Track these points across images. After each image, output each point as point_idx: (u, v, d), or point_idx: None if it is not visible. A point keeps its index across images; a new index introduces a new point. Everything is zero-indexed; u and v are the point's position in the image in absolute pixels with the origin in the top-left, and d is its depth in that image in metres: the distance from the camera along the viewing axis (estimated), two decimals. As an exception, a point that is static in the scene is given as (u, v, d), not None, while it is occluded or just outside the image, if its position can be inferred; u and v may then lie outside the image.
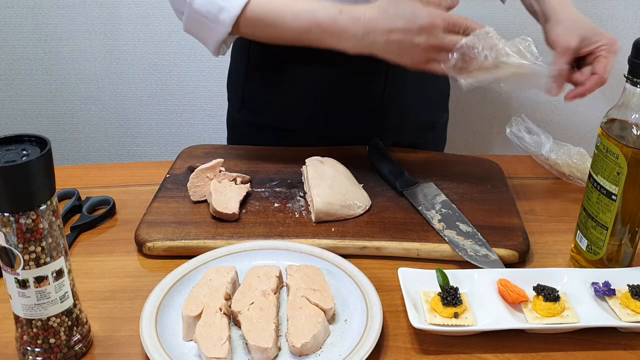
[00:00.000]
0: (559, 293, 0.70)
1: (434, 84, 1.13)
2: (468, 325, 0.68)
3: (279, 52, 1.01)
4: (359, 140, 1.06)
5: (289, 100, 1.07)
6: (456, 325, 0.68)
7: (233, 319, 0.70)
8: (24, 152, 0.58)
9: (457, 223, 0.85)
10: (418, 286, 0.73)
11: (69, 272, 0.64)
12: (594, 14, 1.69)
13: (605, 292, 0.72)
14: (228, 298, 0.71)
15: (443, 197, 0.91)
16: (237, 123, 1.17)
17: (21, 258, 0.59)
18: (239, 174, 0.94)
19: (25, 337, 0.64)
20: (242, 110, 1.14)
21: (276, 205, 0.90)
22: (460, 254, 0.79)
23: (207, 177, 0.92)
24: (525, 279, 0.73)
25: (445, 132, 1.25)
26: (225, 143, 1.19)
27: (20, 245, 0.59)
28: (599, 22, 1.69)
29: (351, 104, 1.06)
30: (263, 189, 0.94)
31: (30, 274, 0.60)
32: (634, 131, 0.71)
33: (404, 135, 1.10)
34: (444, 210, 0.87)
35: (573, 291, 0.72)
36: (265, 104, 1.10)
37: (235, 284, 0.74)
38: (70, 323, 0.65)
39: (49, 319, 0.63)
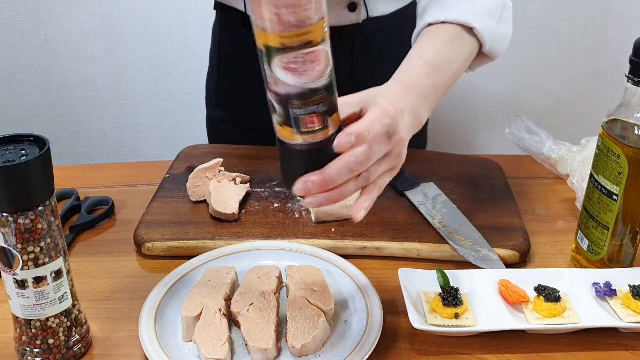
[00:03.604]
0: (560, 294, 0.70)
1: None
2: (469, 326, 0.67)
3: (247, 50, 1.01)
4: None
5: (259, 98, 1.08)
6: (457, 326, 0.67)
7: (233, 320, 0.69)
8: (23, 152, 0.58)
9: (458, 223, 0.85)
10: (418, 287, 0.73)
11: (68, 272, 0.63)
12: (595, 13, 1.69)
13: (606, 292, 0.72)
14: (228, 299, 0.71)
15: (444, 197, 0.90)
16: (213, 121, 1.19)
17: (20, 258, 0.59)
18: (239, 174, 0.94)
19: (24, 338, 0.63)
20: (216, 108, 1.16)
21: (276, 205, 0.90)
22: (460, 254, 0.79)
23: (207, 177, 0.91)
24: (526, 279, 0.73)
25: (424, 134, 1.23)
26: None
27: (19, 246, 0.58)
28: (599, 22, 1.70)
29: None
30: (263, 189, 0.94)
31: (29, 275, 0.60)
32: (636, 131, 0.71)
33: None
34: (444, 211, 0.87)
35: (574, 292, 0.72)
36: (237, 102, 1.11)
37: (235, 285, 0.74)
38: (69, 324, 0.64)
39: (47, 319, 0.62)
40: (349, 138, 0.58)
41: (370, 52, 1.04)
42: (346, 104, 0.63)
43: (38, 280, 0.60)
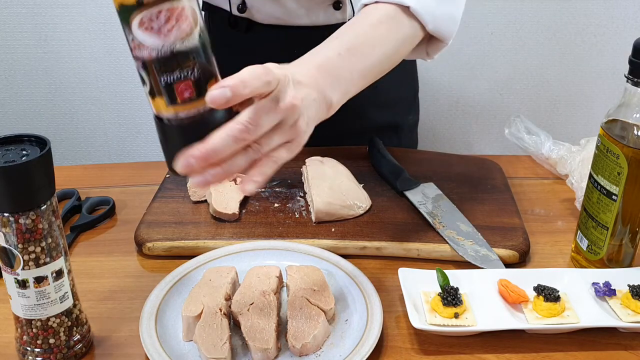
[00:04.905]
0: (559, 293, 0.70)
1: (394, 86, 1.08)
2: (468, 326, 0.68)
3: (234, 51, 1.00)
4: (318, 142, 1.02)
5: None
6: (456, 326, 0.68)
7: (233, 319, 0.70)
8: (24, 152, 0.58)
9: (458, 223, 0.85)
10: (418, 286, 0.73)
11: (69, 272, 0.64)
12: (595, 13, 1.70)
13: (605, 292, 0.72)
14: (228, 298, 0.71)
15: (443, 197, 0.91)
16: None
17: (21, 258, 0.59)
18: (239, 174, 0.94)
19: (25, 338, 0.64)
20: None
21: (276, 205, 0.90)
22: (460, 254, 0.79)
23: (207, 177, 0.91)
24: (525, 279, 0.73)
25: (415, 135, 1.23)
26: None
27: (20, 246, 0.59)
28: (599, 22, 1.70)
29: None
30: (263, 189, 0.94)
31: (29, 274, 0.60)
32: (635, 131, 0.71)
33: (363, 138, 1.05)
34: (444, 210, 0.87)
35: (573, 291, 0.72)
36: None
37: (235, 284, 0.74)
38: (70, 323, 0.64)
39: (48, 319, 0.62)
40: (223, 91, 0.52)
41: None
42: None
43: (39, 280, 0.60)
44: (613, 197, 0.73)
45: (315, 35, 1.01)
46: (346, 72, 0.67)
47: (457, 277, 0.74)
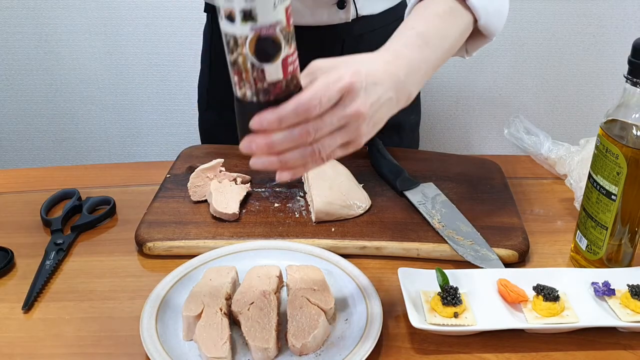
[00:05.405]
0: (558, 293, 0.70)
1: None
2: (468, 325, 0.68)
3: None
4: None
5: None
6: (456, 325, 0.68)
7: (233, 319, 0.70)
8: None
9: (457, 223, 0.85)
10: (418, 286, 0.73)
11: None
12: (595, 13, 1.70)
13: (604, 292, 0.72)
14: (228, 298, 0.71)
15: (443, 197, 0.91)
16: (205, 124, 1.19)
17: None
18: (239, 174, 0.94)
19: None
20: (208, 110, 1.17)
21: (276, 205, 0.90)
22: (460, 253, 0.79)
23: (207, 177, 0.92)
24: (525, 278, 0.74)
25: (416, 134, 1.23)
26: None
27: None
28: (598, 22, 1.70)
29: None
30: (263, 189, 0.94)
31: None
32: (634, 131, 0.71)
33: None
34: (444, 210, 0.87)
35: (573, 291, 0.73)
36: (229, 104, 1.11)
37: (235, 284, 0.74)
38: None
39: None
40: (259, 121, 0.57)
41: (360, 53, 1.03)
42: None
43: None
44: (612, 197, 0.73)
45: (318, 34, 1.02)
46: (424, 64, 0.69)
47: (456, 276, 0.74)
